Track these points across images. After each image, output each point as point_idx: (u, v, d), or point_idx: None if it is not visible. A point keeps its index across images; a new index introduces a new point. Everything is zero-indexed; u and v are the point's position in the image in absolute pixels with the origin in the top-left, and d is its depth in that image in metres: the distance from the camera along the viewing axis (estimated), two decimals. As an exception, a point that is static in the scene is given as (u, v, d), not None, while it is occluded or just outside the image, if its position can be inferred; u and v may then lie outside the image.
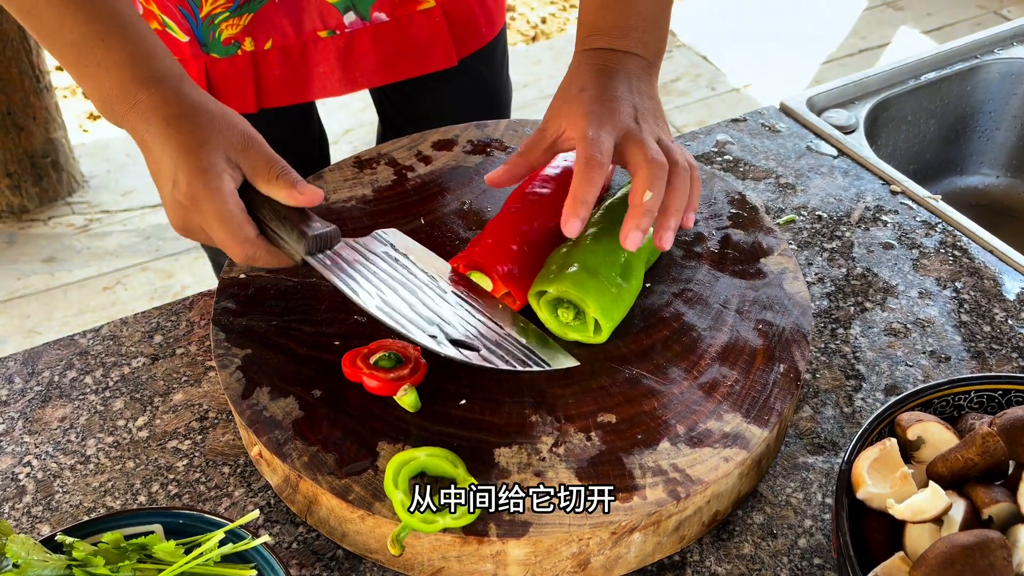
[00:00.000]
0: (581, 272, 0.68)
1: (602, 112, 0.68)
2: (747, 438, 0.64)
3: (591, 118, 0.67)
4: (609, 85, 0.70)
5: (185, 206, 0.64)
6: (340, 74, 0.95)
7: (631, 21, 0.73)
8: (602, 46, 0.74)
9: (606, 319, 0.68)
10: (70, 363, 0.79)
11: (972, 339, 0.80)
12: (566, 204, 0.65)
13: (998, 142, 1.17)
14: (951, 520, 0.56)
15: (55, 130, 2.27)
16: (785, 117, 1.05)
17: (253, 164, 0.65)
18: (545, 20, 3.02)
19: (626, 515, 0.60)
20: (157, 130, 0.64)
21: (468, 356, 0.63)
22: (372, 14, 0.93)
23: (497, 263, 0.71)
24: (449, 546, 0.60)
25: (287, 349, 0.71)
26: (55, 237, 2.25)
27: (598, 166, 0.65)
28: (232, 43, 0.90)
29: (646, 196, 0.64)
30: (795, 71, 2.72)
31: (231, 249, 0.65)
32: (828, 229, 0.91)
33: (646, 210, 0.64)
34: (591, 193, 0.65)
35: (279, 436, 0.65)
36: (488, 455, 0.64)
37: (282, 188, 0.65)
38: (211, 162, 0.63)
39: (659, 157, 0.66)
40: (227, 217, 0.64)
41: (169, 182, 0.64)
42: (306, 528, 0.67)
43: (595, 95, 0.69)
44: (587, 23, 0.75)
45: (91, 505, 0.68)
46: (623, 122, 0.68)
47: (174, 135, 0.64)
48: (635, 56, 0.73)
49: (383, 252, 0.70)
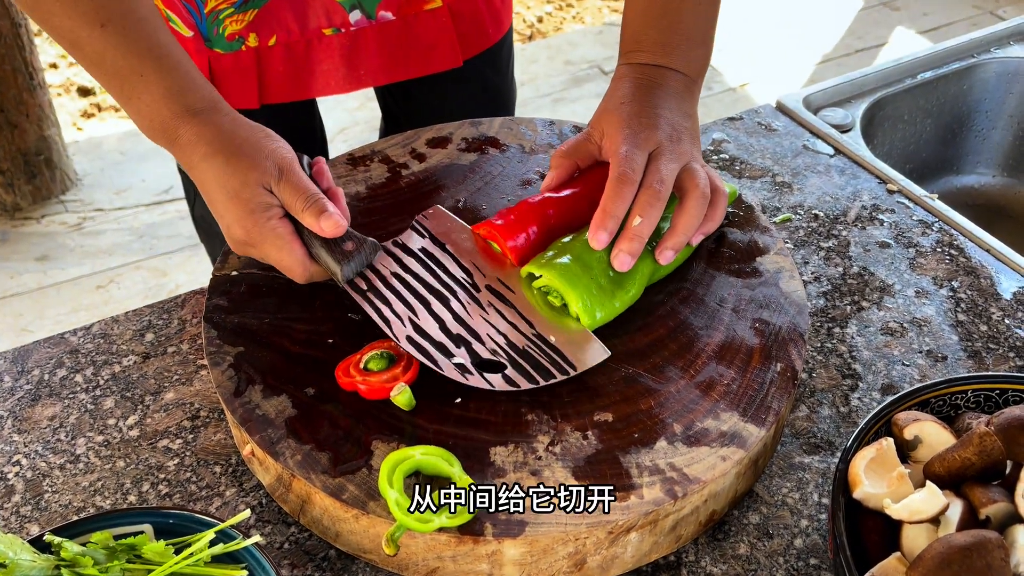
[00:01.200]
0: (572, 264, 0.68)
1: (639, 128, 0.69)
2: (744, 437, 0.64)
3: (626, 133, 0.69)
4: (648, 101, 0.71)
5: (243, 241, 0.69)
6: (344, 72, 0.95)
7: (675, 39, 0.74)
8: (645, 61, 0.74)
9: (587, 316, 0.68)
10: (60, 361, 0.78)
11: (969, 338, 0.80)
12: (595, 217, 0.67)
13: (994, 141, 1.17)
14: (948, 520, 0.55)
15: (48, 128, 2.26)
16: (781, 116, 1.05)
17: (285, 195, 0.68)
18: (542, 19, 3.02)
19: (623, 514, 0.59)
20: (201, 167, 0.68)
21: (492, 381, 0.65)
22: (378, 13, 0.92)
23: (510, 238, 0.71)
24: (444, 546, 0.59)
25: (280, 347, 0.70)
26: (48, 235, 2.24)
27: (629, 183, 0.67)
28: (236, 39, 0.90)
29: (635, 221, 0.66)
30: (792, 71, 2.72)
31: (292, 273, 0.70)
32: (824, 228, 0.91)
33: (634, 235, 0.67)
34: (620, 208, 0.66)
35: (272, 435, 0.64)
36: (484, 454, 0.63)
37: (309, 219, 0.67)
38: (256, 202, 0.67)
39: (658, 186, 0.67)
40: (279, 248, 0.68)
41: (224, 222, 0.69)
42: (298, 528, 0.66)
43: (634, 110, 0.71)
44: (630, 37, 0.76)
45: (80, 505, 0.68)
46: (657, 140, 0.69)
47: (216, 175, 0.68)
48: (677, 73, 0.74)
49: (420, 249, 0.73)
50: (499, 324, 0.69)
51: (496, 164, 0.86)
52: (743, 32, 2.85)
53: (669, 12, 0.74)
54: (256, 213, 0.67)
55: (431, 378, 0.68)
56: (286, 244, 0.68)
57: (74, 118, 2.61)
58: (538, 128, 0.91)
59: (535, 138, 0.89)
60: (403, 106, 1.09)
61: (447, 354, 0.67)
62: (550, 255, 0.70)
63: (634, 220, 0.66)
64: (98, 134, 2.55)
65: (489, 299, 0.70)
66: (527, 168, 0.86)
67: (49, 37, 2.99)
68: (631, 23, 0.76)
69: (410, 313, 0.69)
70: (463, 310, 0.69)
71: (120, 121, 2.61)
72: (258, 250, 0.69)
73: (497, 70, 1.07)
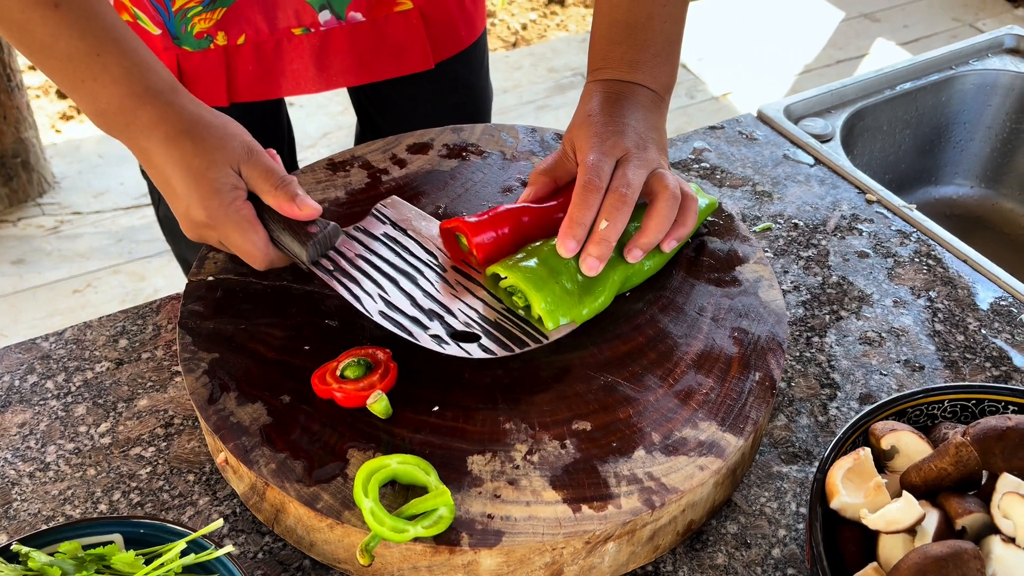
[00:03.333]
0: (539, 268, 0.68)
1: (606, 136, 0.70)
2: (722, 446, 0.64)
3: (594, 142, 0.70)
4: (616, 113, 0.72)
5: (202, 223, 0.67)
6: (314, 72, 0.94)
7: (641, 56, 0.75)
8: (612, 77, 0.75)
9: (550, 320, 0.68)
10: (31, 367, 0.77)
11: (946, 348, 0.80)
12: (563, 225, 0.67)
13: (972, 153, 1.18)
14: (924, 530, 0.55)
15: (26, 130, 2.23)
16: (762, 125, 1.05)
17: (254, 176, 0.67)
18: (526, 27, 3.02)
19: (600, 524, 0.59)
20: (160, 149, 0.66)
21: (469, 350, 0.66)
22: (348, 13, 0.92)
23: (477, 235, 0.70)
24: (420, 556, 0.59)
25: (256, 353, 0.69)
26: (24, 238, 2.21)
27: (595, 190, 0.67)
28: (204, 37, 0.89)
29: (602, 225, 0.67)
30: (773, 81, 2.74)
31: (252, 258, 0.68)
32: (804, 237, 0.91)
33: (601, 238, 0.67)
34: (587, 215, 0.67)
35: (246, 442, 0.63)
36: (461, 463, 0.63)
37: (281, 201, 0.67)
38: (221, 182, 0.66)
39: (624, 190, 0.67)
40: (244, 230, 0.67)
41: (183, 203, 0.67)
42: (272, 537, 0.65)
43: (602, 120, 0.72)
44: (598, 54, 0.77)
45: (50, 513, 0.66)
46: (624, 148, 0.70)
47: (179, 156, 0.65)
48: (645, 88, 0.75)
49: (383, 234, 0.73)
50: (469, 300, 0.69)
51: (477, 171, 0.86)
52: (725, 42, 2.87)
53: (635, 31, 0.75)
54: (221, 193, 0.65)
55: (408, 386, 0.67)
56: (249, 227, 0.67)
57: (52, 120, 2.58)
58: (520, 135, 0.90)
59: (516, 145, 0.89)
60: (378, 108, 1.09)
61: (422, 327, 0.67)
62: (518, 257, 0.70)
63: (600, 224, 0.67)
64: (76, 136, 2.53)
65: (456, 278, 0.71)
66: (508, 175, 0.85)
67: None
68: (598, 42, 0.77)
69: (380, 291, 0.68)
70: (432, 287, 0.70)
71: (99, 124, 2.59)
72: (218, 232, 0.67)
73: (471, 69, 1.07)
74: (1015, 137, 1.15)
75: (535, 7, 3.10)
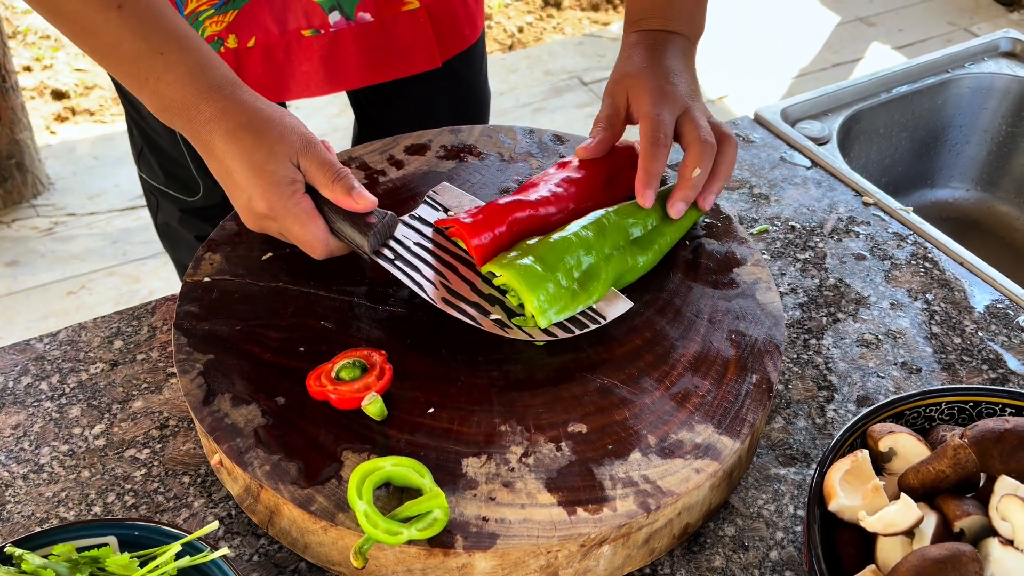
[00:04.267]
0: (533, 265, 0.68)
1: (663, 90, 0.74)
2: (719, 449, 0.64)
3: (653, 95, 0.74)
4: (664, 63, 0.77)
5: (263, 215, 0.69)
6: (323, 74, 0.95)
7: (678, 5, 0.80)
8: (653, 27, 0.80)
9: (542, 317, 0.68)
10: (25, 368, 0.76)
11: (943, 351, 0.80)
12: (638, 178, 0.72)
13: (968, 156, 1.18)
14: (922, 533, 0.55)
15: (20, 131, 2.22)
16: (759, 127, 1.05)
17: (312, 168, 0.69)
18: (522, 29, 3.02)
19: (596, 527, 0.59)
20: (222, 143, 0.68)
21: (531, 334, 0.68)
22: (357, 14, 0.92)
23: (475, 236, 0.71)
24: (414, 559, 0.58)
25: (251, 355, 0.69)
26: (19, 240, 2.20)
27: (663, 145, 0.72)
28: (215, 40, 0.89)
29: (695, 172, 0.72)
30: (769, 85, 2.74)
31: (312, 248, 0.70)
32: (801, 239, 0.91)
33: (693, 184, 0.73)
34: (659, 167, 0.72)
35: (240, 444, 0.63)
36: (456, 465, 0.62)
37: (339, 194, 0.68)
38: (282, 174, 0.68)
39: (710, 138, 0.73)
40: (303, 223, 0.69)
41: (244, 195, 0.68)
42: (268, 540, 0.65)
43: (653, 72, 0.76)
44: (637, 6, 0.81)
45: (44, 516, 0.66)
46: (682, 100, 0.74)
47: (240, 149, 0.67)
48: (681, 36, 0.80)
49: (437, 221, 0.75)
50: None
51: (475, 172, 0.86)
52: (722, 46, 2.87)
53: None
54: (281, 186, 0.67)
55: (403, 388, 0.67)
56: (309, 219, 0.69)
57: (47, 122, 2.58)
58: (517, 136, 0.90)
59: (514, 146, 0.89)
60: (379, 109, 1.09)
61: (483, 312, 0.68)
62: (512, 255, 0.70)
63: (694, 172, 0.72)
64: (71, 138, 2.52)
65: None
66: (506, 176, 0.85)
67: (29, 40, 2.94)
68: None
69: (440, 278, 0.70)
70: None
71: (94, 125, 2.58)
72: (279, 224, 0.69)
73: (472, 67, 1.07)
74: (1011, 140, 1.16)
75: (531, 10, 3.10)
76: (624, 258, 0.72)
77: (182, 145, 0.98)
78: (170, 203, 1.04)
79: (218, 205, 1.01)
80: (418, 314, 0.72)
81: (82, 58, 2.78)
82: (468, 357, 0.69)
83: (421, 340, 0.70)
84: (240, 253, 0.77)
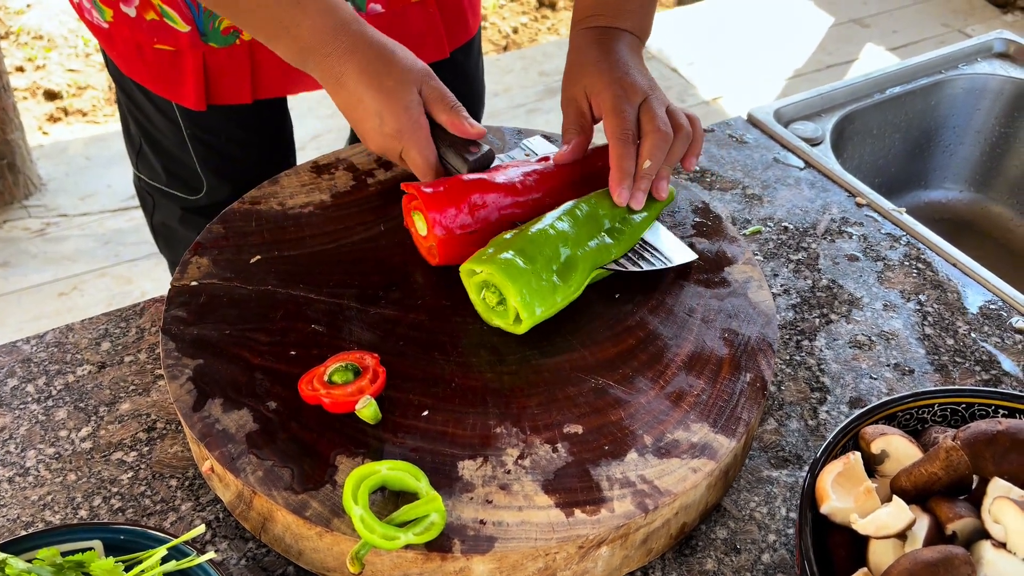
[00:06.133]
0: (514, 259, 0.68)
1: (622, 83, 0.76)
2: (715, 448, 0.63)
3: (613, 90, 0.75)
4: (616, 57, 0.78)
5: (389, 136, 0.76)
6: None
7: (627, 5, 0.82)
8: (602, 24, 0.81)
9: (526, 311, 0.68)
10: (11, 370, 0.76)
11: (935, 352, 0.80)
12: (612, 178, 0.74)
13: (961, 157, 1.18)
14: (915, 536, 0.55)
15: (12, 131, 2.21)
16: (752, 128, 1.05)
17: (433, 97, 0.76)
18: (517, 30, 3.02)
19: (594, 528, 0.58)
20: (355, 73, 0.74)
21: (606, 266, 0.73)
22: (368, 5, 0.92)
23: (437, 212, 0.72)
24: (411, 563, 0.58)
25: (241, 359, 0.68)
26: (10, 241, 2.19)
27: (632, 142, 0.74)
28: (231, 32, 0.90)
29: (646, 164, 0.74)
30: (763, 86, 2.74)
31: (423, 170, 0.77)
32: (794, 240, 0.91)
33: (645, 174, 0.74)
34: (631, 164, 0.74)
35: (232, 450, 0.62)
36: (452, 468, 0.62)
37: (455, 119, 0.76)
38: (409, 100, 0.75)
39: (664, 128, 0.74)
40: (424, 146, 0.76)
41: (375, 118, 0.75)
42: (256, 544, 0.64)
43: (608, 67, 0.77)
44: (587, 3, 0.82)
45: (29, 519, 0.65)
46: (641, 91, 0.76)
47: (373, 78, 0.74)
48: (629, 34, 0.81)
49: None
50: None
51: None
52: (715, 47, 2.87)
53: None
54: (410, 109, 0.75)
55: (397, 391, 0.66)
56: (427, 143, 0.76)
57: (40, 122, 2.56)
58: (506, 137, 0.90)
59: (503, 147, 0.88)
60: None
61: None
62: (491, 251, 0.69)
63: (644, 164, 0.74)
64: (63, 139, 2.51)
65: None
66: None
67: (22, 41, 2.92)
68: None
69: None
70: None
71: (87, 126, 2.57)
72: (401, 143, 0.75)
73: (471, 59, 1.09)
74: (1004, 141, 1.16)
75: (526, 11, 3.10)
76: (599, 249, 0.72)
77: (188, 143, 0.97)
78: (171, 203, 1.04)
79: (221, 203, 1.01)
80: (410, 316, 0.72)
81: (75, 58, 2.77)
82: (461, 359, 0.69)
83: (413, 342, 0.70)
84: (228, 256, 0.76)
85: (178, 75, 0.91)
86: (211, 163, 1.00)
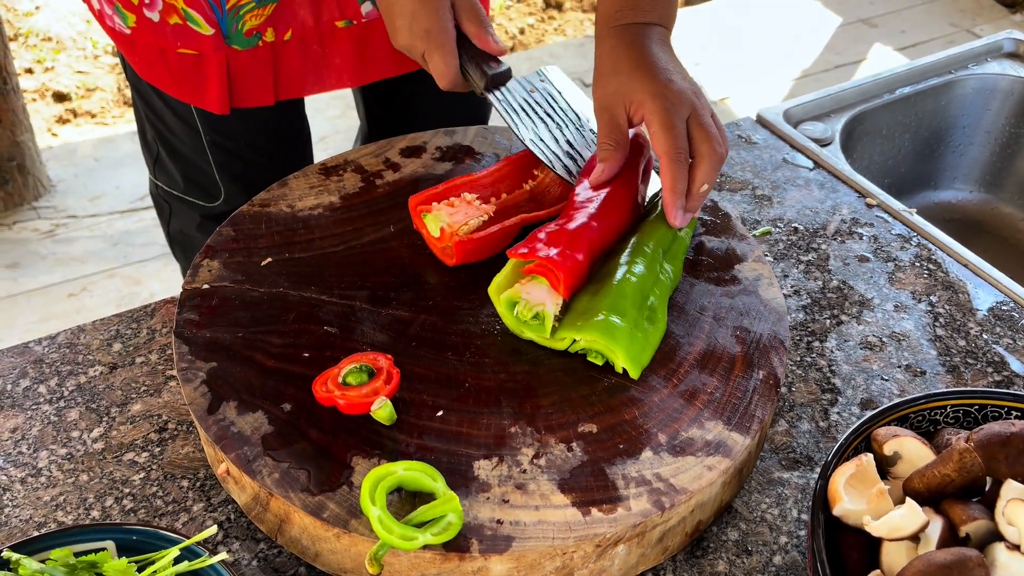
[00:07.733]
0: (610, 319, 0.66)
1: (666, 94, 0.73)
2: (730, 446, 0.63)
3: (659, 102, 0.72)
4: (655, 62, 0.75)
5: (418, 36, 0.78)
6: (356, 66, 0.97)
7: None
8: (631, 21, 0.79)
9: (634, 366, 0.66)
10: (24, 371, 0.76)
11: (947, 353, 0.80)
12: (666, 200, 0.72)
13: (972, 157, 1.17)
14: (928, 538, 0.55)
15: (22, 133, 2.22)
16: (761, 129, 1.05)
17: (464, 8, 0.79)
18: (523, 31, 3.02)
19: (611, 527, 0.58)
20: None
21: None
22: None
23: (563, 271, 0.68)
24: (429, 563, 0.58)
25: (254, 362, 0.68)
26: (20, 242, 2.20)
27: (684, 161, 0.72)
28: (254, 34, 0.91)
29: (703, 188, 0.72)
30: (771, 86, 2.74)
31: (443, 76, 0.79)
32: (804, 241, 0.91)
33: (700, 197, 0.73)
34: (684, 183, 0.72)
35: (248, 453, 0.62)
36: (467, 468, 0.62)
37: (481, 31, 0.79)
38: (443, 4, 0.78)
39: (720, 150, 0.73)
40: (448, 50, 0.78)
41: (408, 18, 0.78)
42: (268, 544, 0.64)
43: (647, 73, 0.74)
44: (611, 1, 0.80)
45: (42, 520, 0.66)
46: (687, 101, 0.73)
47: None
48: (658, 26, 0.80)
49: (543, 88, 0.85)
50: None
51: (471, 173, 0.85)
52: (723, 47, 2.87)
53: None
54: (441, 12, 0.78)
55: (412, 392, 0.66)
56: (450, 51, 0.78)
57: (49, 124, 2.57)
58: (513, 137, 0.90)
59: (510, 147, 0.88)
60: (388, 104, 1.10)
61: (560, 160, 0.78)
62: (583, 314, 0.67)
63: (701, 187, 0.72)
64: (72, 140, 2.52)
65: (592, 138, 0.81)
66: (506, 178, 0.85)
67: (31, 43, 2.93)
68: None
69: (533, 125, 0.80)
70: (572, 138, 0.81)
71: (95, 127, 2.58)
72: (425, 46, 0.78)
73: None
74: (1014, 141, 1.15)
75: (533, 12, 3.10)
76: (667, 279, 0.72)
77: (207, 149, 0.98)
78: (189, 210, 1.05)
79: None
80: (422, 316, 0.72)
81: (83, 60, 2.78)
82: (474, 359, 0.69)
83: (426, 343, 0.70)
84: (238, 259, 0.76)
85: (201, 79, 0.92)
86: (229, 169, 1.00)
